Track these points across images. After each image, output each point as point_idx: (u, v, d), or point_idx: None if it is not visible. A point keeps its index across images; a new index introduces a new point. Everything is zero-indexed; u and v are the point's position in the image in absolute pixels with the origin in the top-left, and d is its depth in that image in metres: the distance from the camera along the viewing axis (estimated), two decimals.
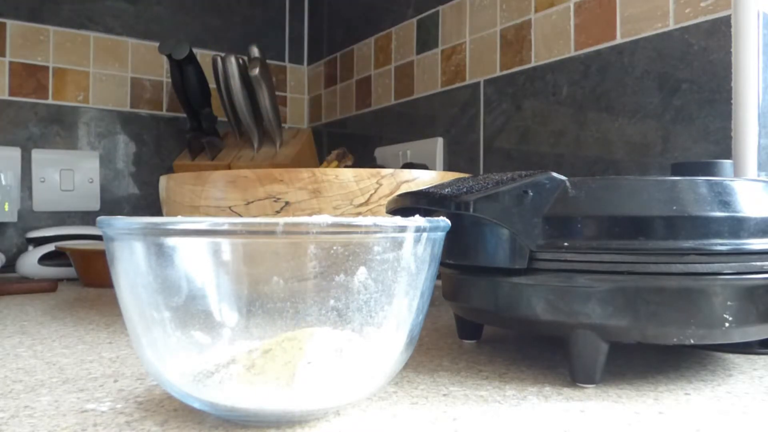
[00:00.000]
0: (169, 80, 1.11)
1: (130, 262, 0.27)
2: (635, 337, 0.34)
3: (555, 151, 0.79)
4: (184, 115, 1.04)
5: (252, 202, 0.54)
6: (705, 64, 0.63)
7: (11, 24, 1.01)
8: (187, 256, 0.26)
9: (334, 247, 0.26)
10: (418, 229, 0.28)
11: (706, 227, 0.33)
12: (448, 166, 0.96)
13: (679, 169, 0.46)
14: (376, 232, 0.27)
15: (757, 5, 0.58)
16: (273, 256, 0.26)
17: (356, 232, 0.26)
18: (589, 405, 0.32)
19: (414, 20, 1.04)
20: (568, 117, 0.77)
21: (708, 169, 0.45)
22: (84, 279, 0.84)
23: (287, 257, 0.26)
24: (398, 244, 0.28)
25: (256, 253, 0.26)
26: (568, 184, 0.36)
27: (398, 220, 0.28)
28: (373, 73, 1.14)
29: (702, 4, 0.63)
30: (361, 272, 0.27)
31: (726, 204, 0.34)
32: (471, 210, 0.35)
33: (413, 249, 0.28)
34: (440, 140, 0.97)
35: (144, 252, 0.26)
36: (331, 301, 0.27)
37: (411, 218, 0.28)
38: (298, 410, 0.28)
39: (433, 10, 0.99)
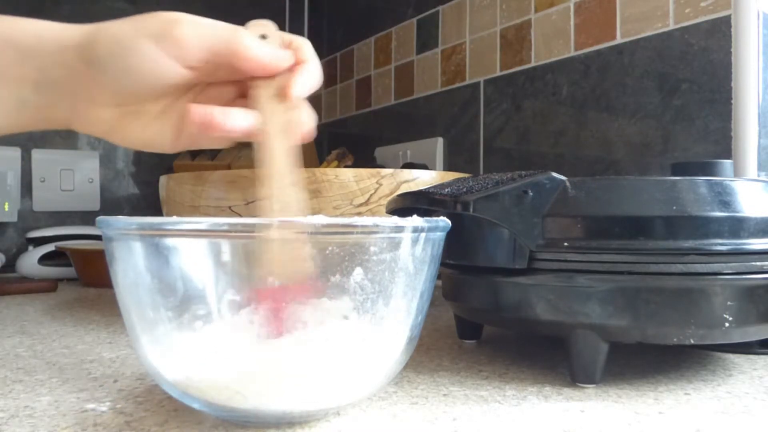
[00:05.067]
0: None
1: (130, 262, 0.27)
2: (635, 337, 0.34)
3: (555, 151, 0.79)
4: None
5: (252, 202, 0.54)
6: (705, 64, 0.63)
7: None
8: (186, 256, 0.26)
9: (330, 248, 0.26)
10: (416, 230, 0.28)
11: (706, 227, 0.33)
12: (448, 166, 0.96)
13: (679, 169, 0.46)
14: (372, 233, 0.27)
15: (757, 5, 0.58)
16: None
17: (352, 233, 0.26)
18: (589, 405, 0.32)
19: (414, 20, 1.04)
20: (568, 117, 0.77)
21: (708, 169, 0.45)
22: (84, 279, 0.84)
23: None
24: (395, 245, 0.27)
25: (253, 253, 0.26)
26: (568, 184, 0.36)
27: (395, 220, 0.27)
28: (373, 73, 1.14)
29: (702, 4, 0.63)
30: (358, 273, 0.26)
31: (726, 204, 0.34)
32: (471, 210, 0.35)
33: (411, 249, 0.28)
34: (440, 140, 0.97)
35: (143, 252, 0.26)
36: (330, 303, 0.27)
37: (408, 218, 0.28)
38: (298, 410, 0.28)
39: (433, 10, 0.99)
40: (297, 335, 0.26)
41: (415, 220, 0.28)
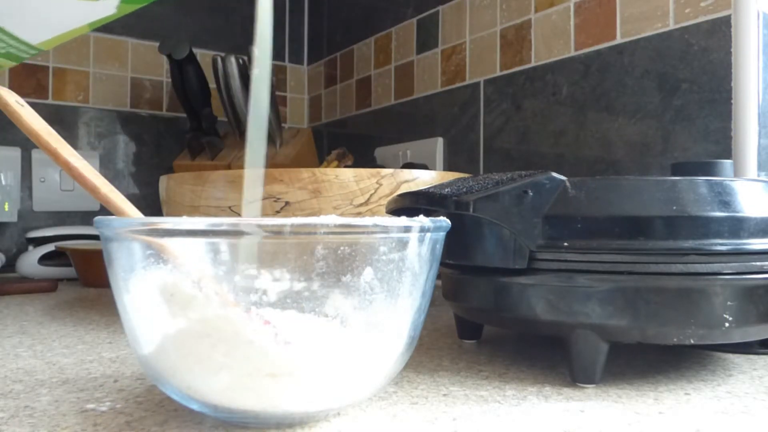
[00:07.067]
0: (169, 80, 1.11)
1: (128, 262, 0.27)
2: (635, 337, 0.34)
3: (555, 151, 0.79)
4: (184, 115, 1.04)
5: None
6: (705, 64, 0.63)
7: None
8: (186, 256, 0.26)
9: (341, 248, 0.26)
10: (422, 229, 0.28)
11: (706, 227, 0.33)
12: (448, 166, 0.96)
13: (679, 169, 0.46)
14: (382, 233, 0.27)
15: (757, 5, 0.58)
16: (277, 257, 0.26)
17: (363, 233, 0.26)
18: (589, 405, 0.32)
19: (414, 20, 1.04)
20: (568, 117, 0.77)
21: (708, 169, 0.45)
22: (84, 279, 0.84)
23: (293, 258, 0.26)
24: (403, 245, 0.28)
25: (259, 254, 0.26)
26: (568, 184, 0.36)
27: (404, 220, 0.27)
28: (373, 73, 1.14)
29: (702, 4, 0.63)
30: (368, 273, 0.27)
31: (726, 204, 0.34)
32: (471, 210, 0.35)
33: (418, 249, 0.28)
34: (440, 140, 0.97)
35: (142, 252, 0.26)
36: (337, 302, 0.27)
37: (415, 218, 0.28)
38: (298, 410, 0.28)
39: (433, 10, 0.99)
40: (299, 336, 0.26)
41: (422, 220, 0.28)
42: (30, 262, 0.91)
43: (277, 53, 1.31)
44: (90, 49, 1.08)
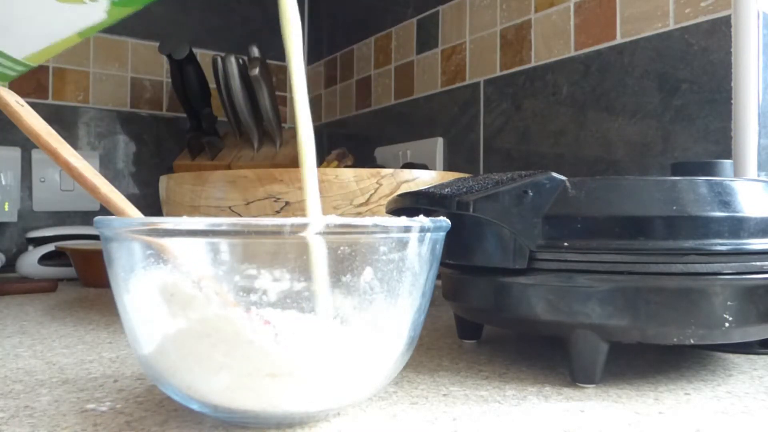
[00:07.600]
0: (169, 80, 1.11)
1: (128, 262, 0.27)
2: (635, 337, 0.34)
3: (555, 151, 0.79)
4: (184, 115, 1.04)
5: (252, 202, 0.54)
6: (705, 64, 0.63)
7: None
8: (185, 256, 0.26)
9: (341, 248, 0.26)
10: (423, 229, 0.28)
11: (706, 227, 0.33)
12: (448, 166, 0.96)
13: (679, 169, 0.46)
14: (382, 233, 0.27)
15: (757, 5, 0.58)
16: (277, 257, 0.26)
17: (363, 233, 0.26)
18: (589, 405, 0.32)
19: (414, 20, 1.04)
20: (568, 117, 0.77)
21: (708, 169, 0.45)
22: (84, 279, 0.84)
23: (293, 258, 0.26)
24: (403, 245, 0.28)
25: (259, 254, 0.26)
26: (568, 184, 0.36)
27: (404, 220, 0.27)
28: (373, 73, 1.14)
29: (702, 4, 0.63)
30: (368, 272, 0.27)
31: (726, 204, 0.34)
32: (471, 210, 0.35)
33: (418, 249, 0.28)
34: (440, 140, 0.97)
35: (142, 252, 0.26)
36: (337, 302, 0.27)
37: (415, 218, 0.28)
38: (298, 410, 0.28)
39: (433, 10, 0.99)
40: (299, 336, 0.26)
41: (422, 220, 0.28)
42: (30, 262, 0.91)
43: (277, 53, 1.30)
44: (90, 49, 1.08)
